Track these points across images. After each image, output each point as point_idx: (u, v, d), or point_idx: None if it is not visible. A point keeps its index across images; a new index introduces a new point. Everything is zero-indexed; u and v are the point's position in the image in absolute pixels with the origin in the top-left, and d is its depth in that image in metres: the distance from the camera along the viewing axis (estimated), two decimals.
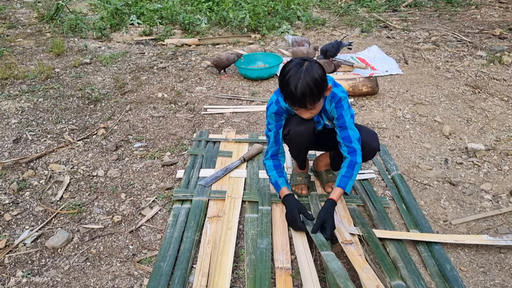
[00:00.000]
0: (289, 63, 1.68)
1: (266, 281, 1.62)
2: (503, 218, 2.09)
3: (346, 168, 1.85)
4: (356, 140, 1.86)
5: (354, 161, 1.85)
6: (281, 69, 1.70)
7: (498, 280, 1.72)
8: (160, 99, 3.35)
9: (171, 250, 1.80)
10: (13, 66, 3.86)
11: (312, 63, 1.65)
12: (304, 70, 1.61)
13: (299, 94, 1.60)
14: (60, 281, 1.69)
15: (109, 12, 5.28)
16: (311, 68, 1.62)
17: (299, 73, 1.61)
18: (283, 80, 1.66)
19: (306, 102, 1.64)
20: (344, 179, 1.84)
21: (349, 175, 1.84)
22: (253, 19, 5.21)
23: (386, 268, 1.67)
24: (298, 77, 1.60)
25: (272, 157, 1.99)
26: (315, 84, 1.61)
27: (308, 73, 1.61)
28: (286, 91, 1.65)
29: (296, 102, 1.65)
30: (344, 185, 1.84)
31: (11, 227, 1.99)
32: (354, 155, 1.85)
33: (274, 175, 1.97)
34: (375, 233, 1.87)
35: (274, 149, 1.98)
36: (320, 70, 1.65)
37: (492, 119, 3.09)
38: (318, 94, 1.65)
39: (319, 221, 1.80)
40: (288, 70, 1.64)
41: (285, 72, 1.66)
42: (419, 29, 5.38)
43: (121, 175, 2.39)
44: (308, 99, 1.63)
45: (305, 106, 1.66)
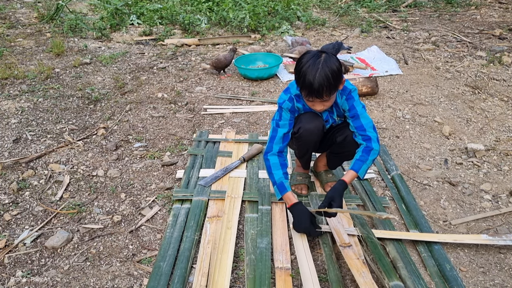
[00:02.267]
0: (306, 54, 1.67)
1: (266, 281, 1.63)
2: (503, 218, 2.09)
3: (361, 153, 1.83)
4: (371, 128, 1.84)
5: (370, 146, 1.82)
6: (298, 61, 1.69)
7: (498, 280, 1.72)
8: (160, 99, 3.35)
9: (171, 250, 1.80)
10: (13, 66, 3.86)
11: (330, 55, 1.66)
12: (322, 61, 1.62)
13: (317, 84, 1.60)
14: (60, 281, 1.69)
15: (109, 12, 5.29)
16: (329, 60, 1.64)
17: (317, 63, 1.61)
18: (300, 71, 1.65)
19: (323, 92, 1.64)
20: (359, 162, 1.81)
21: (364, 159, 1.81)
22: (253, 19, 5.21)
23: (385, 269, 1.66)
24: (316, 67, 1.61)
25: (278, 154, 1.91)
26: (332, 75, 1.62)
27: (326, 64, 1.61)
28: (303, 81, 1.64)
29: (313, 92, 1.64)
30: (357, 168, 1.80)
31: (11, 227, 1.99)
32: (370, 142, 1.83)
33: (280, 175, 1.88)
34: (375, 233, 1.87)
35: (281, 146, 1.91)
36: (337, 62, 1.66)
37: (492, 119, 3.09)
38: (335, 85, 1.66)
39: (327, 199, 1.77)
40: (306, 61, 1.64)
41: (302, 63, 1.65)
42: (419, 29, 5.39)
43: (121, 175, 2.39)
44: (325, 90, 1.63)
45: (321, 96, 1.66)
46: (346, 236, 1.84)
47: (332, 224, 1.91)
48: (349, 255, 1.72)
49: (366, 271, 1.63)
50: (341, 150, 2.03)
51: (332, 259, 1.74)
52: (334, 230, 1.87)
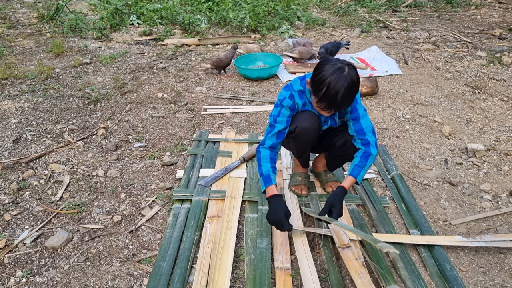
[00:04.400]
0: (327, 65, 1.62)
1: (266, 281, 1.63)
2: (503, 218, 2.09)
3: (359, 158, 1.83)
4: (370, 133, 1.84)
5: (368, 152, 1.82)
6: (319, 71, 1.63)
7: (497, 280, 1.72)
8: (160, 99, 3.35)
9: (171, 250, 1.80)
10: (13, 66, 3.86)
11: (351, 69, 1.62)
12: (347, 75, 1.58)
13: (340, 99, 1.59)
14: (60, 281, 1.69)
15: (109, 12, 5.29)
16: (352, 73, 1.60)
17: (342, 79, 1.57)
18: (322, 83, 1.59)
19: (343, 107, 1.65)
20: (357, 168, 1.82)
21: (362, 165, 1.82)
22: (253, 19, 5.21)
23: (383, 272, 1.65)
24: (342, 83, 1.57)
25: (270, 148, 1.90)
26: (354, 90, 1.62)
27: (350, 79, 1.58)
28: (326, 93, 1.59)
29: (333, 106, 1.63)
30: (356, 174, 1.81)
31: (11, 227, 1.99)
32: (368, 147, 1.83)
33: (268, 168, 1.87)
34: (375, 236, 1.86)
35: (274, 142, 1.90)
36: (357, 74, 1.64)
37: (492, 119, 3.09)
38: (354, 98, 1.67)
39: (328, 205, 1.76)
40: (331, 73, 1.58)
41: (325, 75, 1.59)
42: (419, 29, 5.39)
43: (121, 175, 2.39)
44: (345, 104, 1.65)
45: (339, 110, 1.68)
46: (345, 237, 1.83)
47: (331, 225, 1.91)
48: (347, 256, 1.72)
49: (364, 272, 1.63)
50: (341, 154, 2.04)
51: (333, 261, 1.74)
52: (334, 232, 1.87)
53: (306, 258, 1.72)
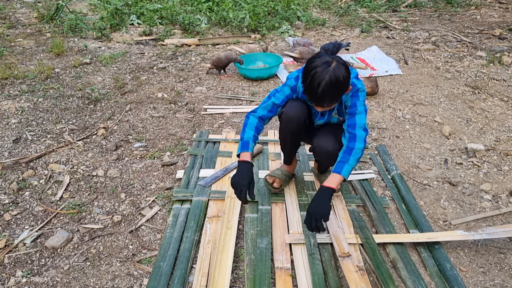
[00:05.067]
0: (317, 58, 1.64)
1: (266, 281, 1.63)
2: (503, 218, 2.09)
3: (342, 154, 1.76)
4: (361, 128, 1.78)
5: (351, 147, 1.75)
6: (309, 62, 1.65)
7: (497, 280, 1.72)
8: (160, 99, 3.35)
9: (171, 250, 1.80)
10: (13, 66, 3.86)
11: (340, 64, 1.62)
12: (331, 70, 1.58)
13: (320, 92, 1.59)
14: (60, 281, 1.69)
15: (109, 12, 5.29)
16: (338, 69, 1.60)
17: (325, 72, 1.58)
18: (307, 74, 1.62)
19: (324, 101, 1.64)
20: (340, 164, 1.73)
21: (345, 160, 1.73)
22: (253, 19, 5.21)
23: (383, 277, 1.65)
24: (323, 76, 1.58)
25: (259, 118, 1.91)
26: (338, 86, 1.60)
27: (334, 74, 1.58)
28: (308, 85, 1.63)
29: (314, 99, 1.65)
30: (339, 170, 1.71)
31: (11, 227, 1.99)
32: (352, 141, 1.77)
33: (250, 135, 1.87)
34: (375, 238, 1.86)
35: (265, 114, 1.91)
36: (346, 72, 1.63)
37: (492, 119, 3.09)
38: (338, 95, 1.65)
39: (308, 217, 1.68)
40: (315, 66, 1.60)
41: (311, 66, 1.62)
42: (419, 29, 5.39)
43: (121, 175, 2.39)
44: (327, 99, 1.63)
45: (322, 105, 1.67)
46: (345, 243, 1.81)
47: (332, 229, 1.91)
48: (348, 267, 1.69)
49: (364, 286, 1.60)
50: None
51: (331, 264, 1.73)
52: (334, 237, 1.86)
53: (303, 265, 1.72)
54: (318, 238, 1.86)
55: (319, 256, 1.76)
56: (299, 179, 2.32)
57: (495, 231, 1.88)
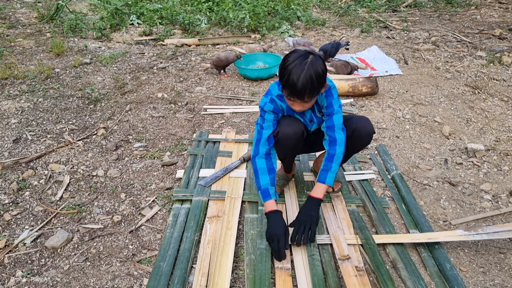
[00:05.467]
0: (293, 53, 1.65)
1: (266, 281, 1.62)
2: (503, 218, 2.09)
3: (324, 162, 1.85)
4: (339, 129, 1.84)
5: (332, 153, 1.83)
6: (284, 58, 1.66)
7: (498, 280, 1.72)
8: (160, 99, 3.35)
9: (171, 250, 1.80)
10: (13, 66, 3.86)
11: (317, 57, 1.64)
12: (308, 62, 1.60)
13: (300, 85, 1.58)
14: (60, 281, 1.69)
15: (109, 12, 5.29)
16: (316, 62, 1.61)
17: (303, 64, 1.59)
18: (285, 69, 1.62)
19: (305, 94, 1.62)
20: (323, 173, 1.84)
21: (327, 168, 1.83)
22: (253, 19, 5.21)
23: (382, 278, 1.65)
24: (302, 68, 1.58)
25: (266, 156, 1.87)
26: (317, 78, 1.60)
27: (312, 66, 1.59)
28: (287, 80, 1.61)
29: (294, 93, 1.62)
30: (323, 179, 1.83)
31: (11, 227, 1.99)
32: (333, 146, 1.83)
33: (267, 181, 1.84)
34: (375, 238, 1.86)
35: (267, 148, 1.87)
36: (323, 65, 1.64)
37: (492, 119, 3.09)
38: (318, 88, 1.65)
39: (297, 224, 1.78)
40: (293, 60, 1.61)
41: (288, 61, 1.62)
42: (419, 29, 5.39)
43: (121, 175, 2.39)
44: (307, 92, 1.61)
45: (302, 98, 1.64)
46: (345, 245, 1.81)
47: (331, 230, 1.90)
48: (347, 271, 1.68)
49: None
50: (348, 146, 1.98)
51: (331, 265, 1.73)
52: (334, 238, 1.85)
53: (303, 266, 1.71)
54: (318, 239, 1.86)
55: (319, 257, 1.75)
56: (299, 179, 2.32)
57: (496, 230, 1.87)
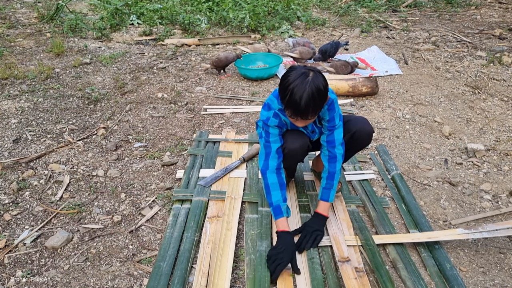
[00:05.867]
0: (292, 71, 1.61)
1: (266, 281, 1.62)
2: (503, 218, 2.09)
3: (326, 180, 1.89)
4: (340, 145, 1.87)
5: (332, 171, 1.88)
6: (284, 77, 1.62)
7: (498, 280, 1.72)
8: (160, 99, 3.35)
9: (171, 250, 1.80)
10: (13, 66, 3.86)
11: (317, 74, 1.60)
12: (310, 81, 1.55)
13: (304, 105, 1.55)
14: (60, 281, 1.69)
15: (109, 12, 5.29)
16: (317, 79, 1.57)
17: (304, 83, 1.55)
18: (286, 89, 1.58)
19: (309, 114, 1.59)
20: (326, 191, 1.90)
21: (330, 186, 1.89)
22: (253, 19, 5.21)
23: (382, 279, 1.64)
24: (303, 88, 1.54)
25: (276, 170, 1.84)
26: (319, 96, 1.57)
27: (314, 84, 1.55)
28: (289, 101, 1.57)
29: (298, 113, 1.59)
30: (326, 197, 1.90)
31: (11, 227, 1.99)
32: (333, 163, 1.87)
33: (279, 198, 1.81)
34: (375, 239, 1.86)
35: (277, 162, 1.84)
36: (324, 81, 1.60)
37: (492, 119, 3.09)
38: (321, 105, 1.61)
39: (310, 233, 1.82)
40: (293, 80, 1.57)
41: (289, 81, 1.58)
42: (419, 29, 5.39)
43: (121, 175, 2.39)
44: (311, 111, 1.58)
45: (306, 117, 1.61)
46: (345, 247, 1.81)
47: (331, 231, 1.91)
48: (347, 274, 1.67)
49: None
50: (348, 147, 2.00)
51: (331, 266, 1.73)
52: (334, 240, 1.85)
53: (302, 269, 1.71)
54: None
55: (318, 260, 1.75)
56: (299, 179, 2.32)
57: (496, 228, 1.87)
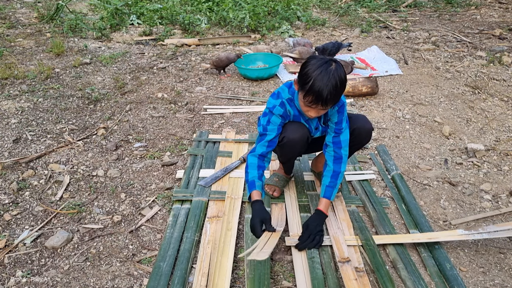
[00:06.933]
0: (314, 59, 1.62)
1: (266, 281, 1.62)
2: (503, 218, 2.09)
3: (330, 179, 1.89)
4: (346, 146, 1.88)
5: (337, 171, 1.88)
6: (305, 65, 1.63)
7: (498, 280, 1.72)
8: (160, 99, 3.35)
9: (171, 250, 1.80)
10: (13, 66, 3.86)
11: (339, 65, 1.62)
12: (333, 70, 1.57)
13: (327, 93, 1.56)
14: (60, 281, 1.69)
15: (109, 12, 5.29)
16: (340, 69, 1.60)
17: (328, 72, 1.56)
18: (308, 76, 1.58)
19: (329, 102, 1.60)
20: (329, 189, 1.89)
21: (333, 185, 1.89)
22: (253, 19, 5.21)
23: (382, 280, 1.64)
24: (328, 76, 1.56)
25: (259, 156, 1.88)
26: (341, 86, 1.60)
27: (337, 74, 1.57)
28: (311, 87, 1.57)
29: (319, 100, 1.59)
30: (329, 195, 1.89)
31: (11, 227, 1.99)
32: (338, 164, 1.88)
33: (254, 174, 1.86)
34: (375, 239, 1.86)
35: (265, 150, 1.87)
36: (345, 73, 1.63)
37: (492, 119, 3.09)
38: (339, 97, 1.64)
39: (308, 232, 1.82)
40: (317, 67, 1.58)
41: (311, 68, 1.59)
42: (419, 29, 5.39)
43: (121, 175, 2.39)
44: (331, 100, 1.60)
45: (326, 105, 1.62)
46: (345, 247, 1.80)
47: (331, 231, 1.90)
48: (347, 275, 1.67)
49: None
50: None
51: (331, 266, 1.73)
52: (334, 240, 1.85)
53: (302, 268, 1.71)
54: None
55: (318, 260, 1.75)
56: (299, 179, 2.32)
57: (496, 229, 1.87)
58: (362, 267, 1.71)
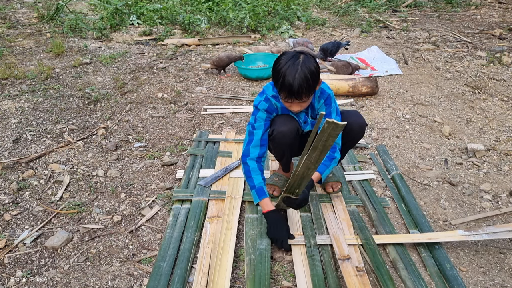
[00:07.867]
0: (284, 55, 1.68)
1: (266, 281, 1.62)
2: (503, 218, 2.09)
3: (325, 158, 1.89)
4: (339, 138, 1.91)
5: (332, 155, 1.94)
6: (276, 61, 1.69)
7: (498, 280, 1.72)
8: (160, 99, 3.35)
9: (171, 250, 1.80)
10: (13, 66, 3.86)
11: (308, 56, 1.67)
12: (301, 62, 1.63)
13: (297, 85, 1.61)
14: (60, 281, 1.69)
15: (109, 12, 5.29)
16: (308, 61, 1.65)
17: (296, 65, 1.62)
18: (279, 72, 1.65)
19: (302, 94, 1.64)
20: (322, 166, 1.94)
21: (327, 164, 1.94)
22: (253, 19, 5.21)
23: (383, 278, 1.64)
24: (295, 68, 1.61)
25: (257, 159, 1.90)
26: (311, 76, 1.63)
27: (305, 65, 1.63)
28: (282, 82, 1.64)
29: (292, 94, 1.64)
30: (321, 171, 1.93)
31: (11, 227, 1.99)
32: (333, 149, 1.93)
33: (260, 180, 1.88)
34: (375, 239, 1.86)
35: (260, 151, 1.90)
36: (315, 63, 1.67)
37: (492, 119, 3.09)
38: (313, 86, 1.67)
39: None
40: (285, 62, 1.64)
41: (280, 64, 1.65)
42: (419, 29, 5.39)
43: (121, 175, 2.39)
44: (304, 91, 1.64)
45: (300, 98, 1.66)
46: (345, 245, 1.81)
47: (331, 230, 1.90)
48: (347, 271, 1.67)
49: None
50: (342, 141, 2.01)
51: (331, 265, 1.73)
52: (334, 238, 1.85)
53: (303, 267, 1.71)
54: (318, 239, 1.85)
55: (319, 258, 1.75)
56: None
57: (496, 230, 1.88)
58: (362, 266, 1.71)
